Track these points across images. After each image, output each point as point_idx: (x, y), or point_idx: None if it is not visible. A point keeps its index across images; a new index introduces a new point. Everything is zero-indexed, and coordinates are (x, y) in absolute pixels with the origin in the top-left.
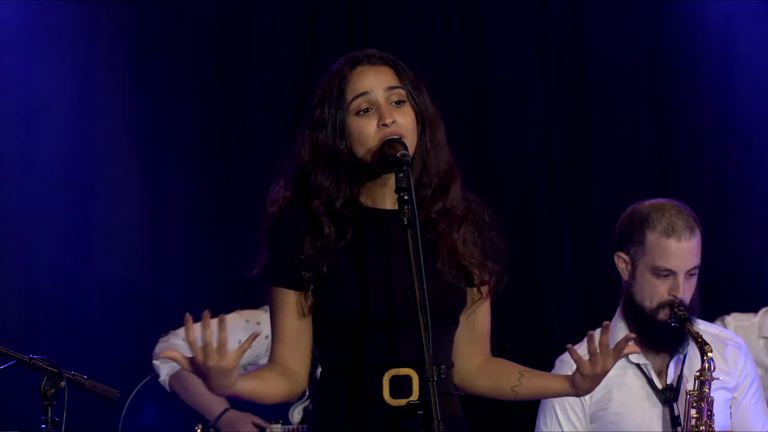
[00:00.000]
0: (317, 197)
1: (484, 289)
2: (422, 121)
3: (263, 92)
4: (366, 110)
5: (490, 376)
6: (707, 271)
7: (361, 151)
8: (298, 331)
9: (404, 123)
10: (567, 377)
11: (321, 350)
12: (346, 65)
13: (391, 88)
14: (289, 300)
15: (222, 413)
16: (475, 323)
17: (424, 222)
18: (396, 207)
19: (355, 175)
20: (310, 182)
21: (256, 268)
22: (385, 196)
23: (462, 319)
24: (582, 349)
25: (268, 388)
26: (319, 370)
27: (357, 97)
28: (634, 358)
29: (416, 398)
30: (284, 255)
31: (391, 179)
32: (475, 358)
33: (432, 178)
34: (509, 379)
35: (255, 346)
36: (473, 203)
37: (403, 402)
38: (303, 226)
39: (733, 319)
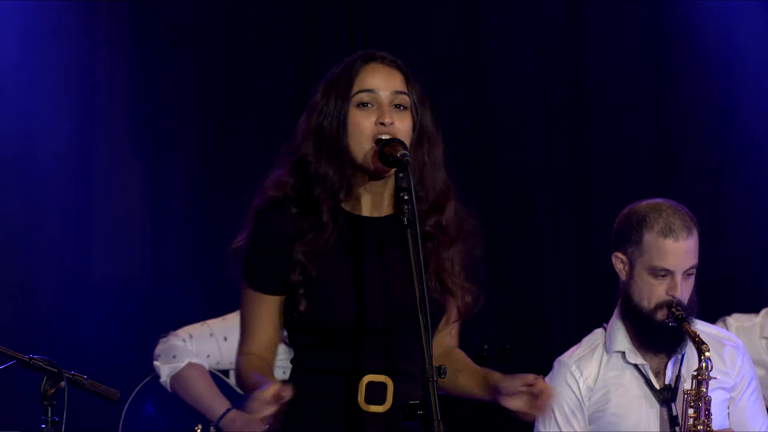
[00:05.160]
0: (320, 185)
1: (461, 309)
2: (420, 135)
3: (263, 92)
4: (367, 104)
5: (440, 361)
6: (707, 272)
7: (353, 146)
8: (270, 335)
9: (401, 127)
10: (490, 388)
11: (297, 350)
12: (359, 59)
13: (397, 92)
14: (268, 304)
15: (224, 413)
16: (446, 329)
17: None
18: (380, 215)
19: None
20: (312, 169)
21: (235, 243)
22: (371, 204)
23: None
24: (579, 350)
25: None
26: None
27: (362, 91)
28: (631, 358)
29: (390, 405)
30: (266, 260)
31: (375, 187)
32: (436, 350)
33: (428, 192)
34: (454, 363)
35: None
36: (459, 213)
37: (375, 408)
38: (290, 231)
39: (735, 320)
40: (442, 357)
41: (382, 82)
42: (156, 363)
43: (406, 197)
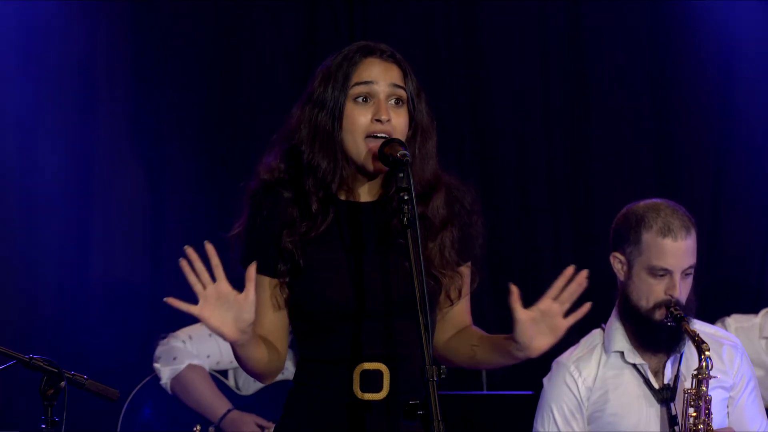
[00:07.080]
0: (312, 177)
1: (459, 291)
2: (415, 129)
3: (263, 93)
4: (365, 99)
5: (455, 340)
6: (707, 272)
7: (348, 141)
8: (274, 318)
9: (396, 124)
10: (509, 340)
11: (297, 341)
12: (358, 52)
13: (395, 85)
14: (265, 287)
15: (225, 414)
16: (453, 311)
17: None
18: (372, 200)
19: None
20: (305, 160)
21: (233, 230)
22: (363, 190)
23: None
24: (577, 351)
25: (262, 349)
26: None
27: (360, 84)
28: (630, 358)
29: (386, 393)
30: (259, 243)
31: (366, 178)
32: (447, 332)
33: (415, 185)
34: (469, 339)
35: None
36: (455, 190)
37: (372, 396)
38: (281, 216)
39: (734, 320)
40: (455, 337)
41: (379, 74)
42: (156, 365)
43: (406, 197)
